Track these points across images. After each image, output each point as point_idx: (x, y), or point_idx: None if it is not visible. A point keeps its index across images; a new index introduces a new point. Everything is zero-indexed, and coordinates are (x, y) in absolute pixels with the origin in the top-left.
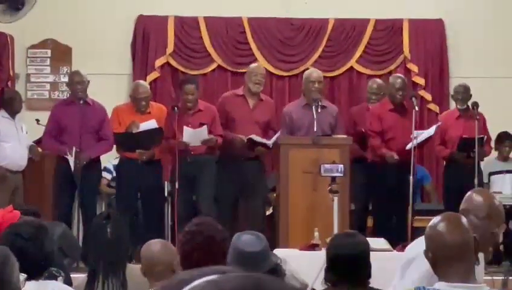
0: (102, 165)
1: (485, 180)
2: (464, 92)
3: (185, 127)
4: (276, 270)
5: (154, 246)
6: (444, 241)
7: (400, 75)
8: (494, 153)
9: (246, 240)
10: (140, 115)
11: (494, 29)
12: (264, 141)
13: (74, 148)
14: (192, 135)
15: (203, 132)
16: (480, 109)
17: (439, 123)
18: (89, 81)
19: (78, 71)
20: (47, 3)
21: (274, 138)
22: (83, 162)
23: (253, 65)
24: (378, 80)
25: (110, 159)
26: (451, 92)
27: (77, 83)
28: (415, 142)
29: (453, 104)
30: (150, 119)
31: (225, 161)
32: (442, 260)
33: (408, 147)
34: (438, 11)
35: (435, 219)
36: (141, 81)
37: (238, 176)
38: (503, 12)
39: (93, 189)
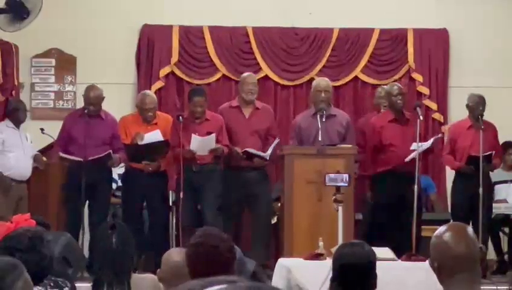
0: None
1: None
2: (484, 104)
3: (193, 135)
4: (256, 278)
5: (177, 255)
6: (450, 252)
7: (395, 82)
8: None
9: None
10: (146, 126)
11: (498, 39)
12: (259, 153)
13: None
14: (200, 144)
15: (211, 141)
16: (484, 119)
17: (440, 135)
18: (103, 97)
19: (94, 87)
20: (52, 12)
21: (270, 149)
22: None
23: (244, 74)
24: (385, 86)
25: (115, 169)
26: (468, 102)
27: (90, 102)
28: (410, 157)
29: (452, 114)
30: (156, 129)
31: (230, 170)
32: (447, 270)
33: (407, 159)
34: (442, 20)
35: (441, 229)
36: (148, 92)
37: (243, 186)
38: (507, 22)
39: (105, 201)
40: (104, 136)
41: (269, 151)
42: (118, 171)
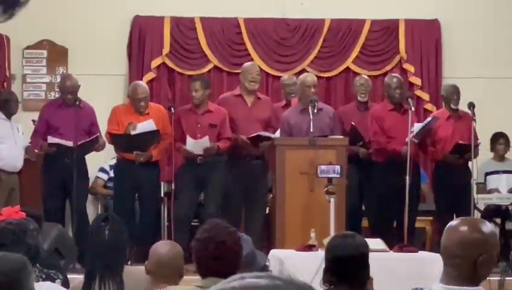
0: (99, 166)
1: (481, 180)
2: (459, 93)
3: (187, 137)
4: (266, 271)
5: (164, 247)
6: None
7: (395, 74)
8: (490, 153)
9: None
10: (138, 116)
11: (489, 29)
12: (271, 135)
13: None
14: (194, 145)
15: (204, 142)
16: (475, 109)
17: (437, 116)
18: (79, 86)
19: (69, 76)
20: (43, 4)
21: (277, 134)
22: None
23: (247, 64)
24: (364, 75)
25: (106, 160)
26: (443, 92)
27: (68, 90)
28: (411, 136)
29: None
30: (147, 119)
31: (233, 160)
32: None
33: (407, 139)
34: (434, 11)
35: (455, 221)
36: (140, 82)
37: (243, 176)
38: (498, 12)
39: (84, 190)
40: (83, 125)
41: (277, 134)
42: (109, 162)
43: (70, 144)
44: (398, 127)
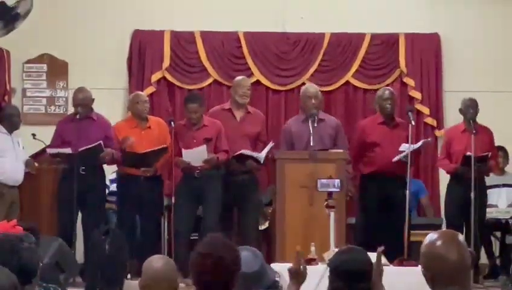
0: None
1: None
2: (475, 106)
3: (183, 150)
4: (276, 287)
5: (157, 262)
6: (444, 261)
7: (387, 87)
8: None
9: (244, 258)
10: (140, 130)
11: (490, 43)
12: (254, 154)
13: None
14: (191, 155)
15: (202, 151)
16: (479, 123)
17: (429, 139)
18: (93, 99)
19: (82, 88)
20: (43, 18)
21: (265, 152)
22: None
23: (238, 78)
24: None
25: (106, 174)
26: (460, 106)
27: (77, 103)
28: (397, 157)
29: (448, 118)
30: (150, 133)
31: (225, 174)
32: (440, 279)
33: (395, 159)
34: (434, 25)
35: (431, 237)
36: (138, 92)
37: (232, 189)
38: (498, 25)
39: (99, 208)
40: (96, 138)
41: (263, 153)
42: (109, 176)
43: (68, 150)
44: (385, 142)
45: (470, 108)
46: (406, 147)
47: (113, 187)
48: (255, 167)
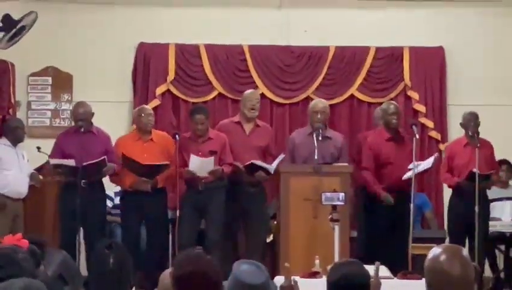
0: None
1: None
2: (476, 119)
3: (191, 155)
4: None
5: None
6: (447, 276)
7: (391, 101)
8: None
9: (248, 271)
10: (143, 143)
11: (494, 56)
12: (265, 165)
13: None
14: (199, 164)
15: (210, 162)
16: (480, 137)
17: (436, 154)
18: (93, 113)
19: (82, 103)
20: (48, 31)
21: (275, 163)
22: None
23: (248, 91)
24: (394, 102)
25: (111, 187)
26: (462, 120)
27: (79, 118)
28: (407, 175)
29: (452, 132)
30: (153, 147)
31: (231, 186)
32: None
33: (405, 177)
34: (438, 38)
35: (435, 252)
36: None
37: (240, 203)
38: (503, 39)
39: (100, 219)
40: (98, 152)
41: (274, 165)
42: (114, 189)
43: (72, 162)
44: (395, 158)
45: (471, 121)
46: (414, 165)
47: (118, 200)
48: (263, 178)
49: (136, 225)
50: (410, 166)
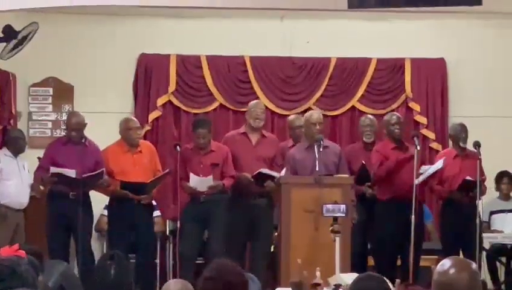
0: (103, 203)
1: (486, 219)
2: (467, 131)
3: (191, 175)
4: None
5: (176, 286)
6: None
7: (394, 112)
8: (496, 192)
9: None
10: (131, 154)
11: (495, 68)
12: (273, 173)
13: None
14: (198, 182)
15: (209, 181)
16: (481, 148)
17: (445, 157)
18: (86, 124)
19: (76, 113)
20: (49, 41)
21: (284, 172)
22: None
23: (252, 102)
24: (369, 116)
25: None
26: (451, 131)
27: (72, 128)
28: (422, 177)
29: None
30: (142, 158)
31: (237, 198)
32: None
33: (417, 182)
34: (440, 50)
35: (444, 265)
36: (129, 116)
37: (248, 214)
38: (504, 51)
39: (89, 227)
40: (88, 163)
41: (283, 173)
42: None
43: (73, 173)
44: (402, 167)
45: (462, 133)
46: (425, 169)
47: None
48: (273, 187)
49: (127, 235)
50: (421, 170)
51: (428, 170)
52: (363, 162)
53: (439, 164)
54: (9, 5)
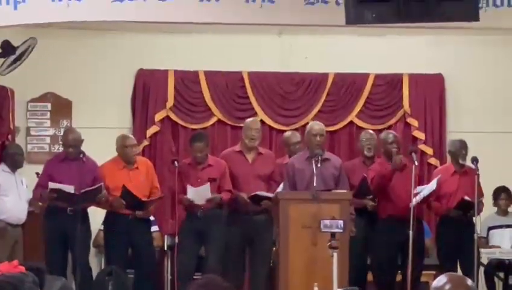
0: (101, 219)
1: (484, 234)
2: (466, 148)
3: (188, 186)
4: None
5: None
6: None
7: (390, 130)
8: (493, 208)
9: None
10: (128, 171)
11: (493, 83)
12: (268, 195)
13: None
14: (196, 193)
15: (206, 190)
16: (479, 164)
17: (439, 176)
18: (82, 140)
19: (72, 129)
20: (47, 57)
21: (281, 186)
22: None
23: (248, 120)
24: (370, 131)
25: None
26: (450, 147)
27: (68, 144)
28: (418, 198)
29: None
30: (138, 175)
31: (234, 214)
32: None
33: (413, 203)
34: (438, 65)
35: (440, 281)
36: (125, 133)
37: (246, 230)
38: (502, 66)
39: (86, 242)
40: (86, 179)
41: (281, 187)
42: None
43: (71, 189)
44: (399, 186)
45: (462, 149)
46: (420, 189)
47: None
48: (270, 206)
49: (124, 250)
50: (417, 190)
51: (422, 191)
52: (365, 175)
53: (432, 185)
54: (8, 20)
